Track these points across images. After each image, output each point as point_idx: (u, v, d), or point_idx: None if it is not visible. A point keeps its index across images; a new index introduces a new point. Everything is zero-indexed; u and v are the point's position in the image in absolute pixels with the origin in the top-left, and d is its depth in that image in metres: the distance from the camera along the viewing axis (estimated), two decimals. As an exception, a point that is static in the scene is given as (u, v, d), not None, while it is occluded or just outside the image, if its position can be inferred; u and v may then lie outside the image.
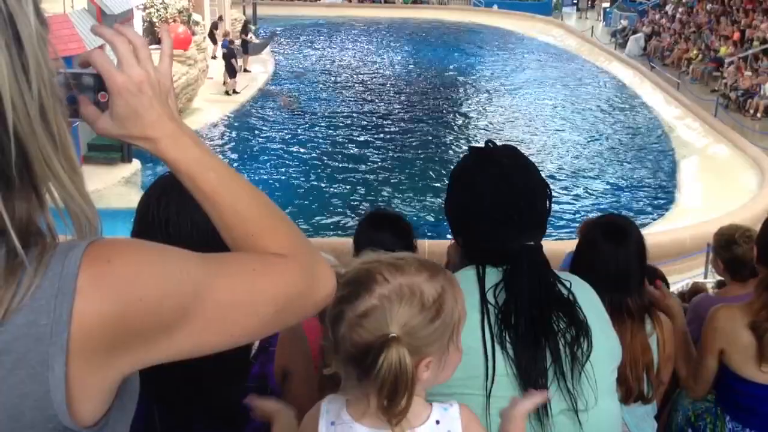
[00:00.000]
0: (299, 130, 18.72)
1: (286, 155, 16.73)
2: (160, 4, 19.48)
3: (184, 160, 1.07)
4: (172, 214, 1.11)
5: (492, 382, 1.67)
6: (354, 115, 20.36)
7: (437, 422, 1.46)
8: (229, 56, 20.52)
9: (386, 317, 1.36)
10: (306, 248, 1.13)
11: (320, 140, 17.92)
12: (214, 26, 22.19)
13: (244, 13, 29.16)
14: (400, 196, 14.41)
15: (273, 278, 1.05)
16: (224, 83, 20.73)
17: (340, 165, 16.10)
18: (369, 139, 18.24)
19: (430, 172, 15.68)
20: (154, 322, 0.92)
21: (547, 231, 1.93)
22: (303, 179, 15.16)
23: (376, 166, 16.16)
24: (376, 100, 22.15)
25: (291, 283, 1.07)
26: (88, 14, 14.59)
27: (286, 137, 18.12)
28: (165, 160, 1.08)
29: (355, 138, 18.24)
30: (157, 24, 19.15)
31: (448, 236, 1.76)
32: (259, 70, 24.06)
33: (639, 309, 2.62)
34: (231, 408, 1.78)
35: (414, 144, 17.90)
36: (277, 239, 1.10)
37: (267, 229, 1.11)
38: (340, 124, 19.31)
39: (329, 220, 13.13)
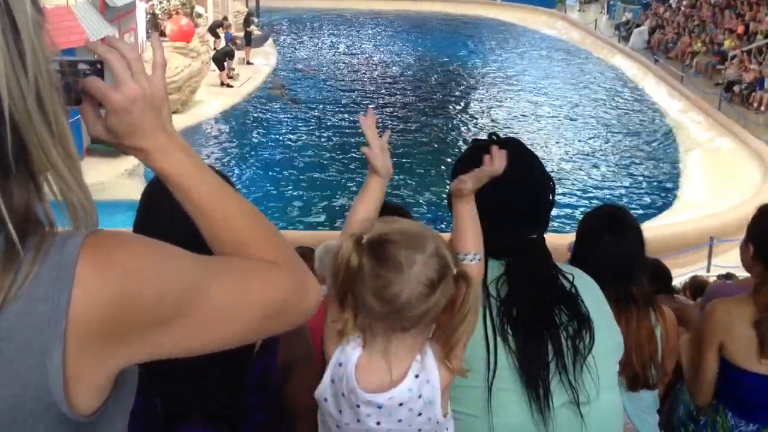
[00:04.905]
0: (301, 122, 18.70)
1: (287, 147, 16.72)
2: (163, -4, 19.44)
3: (175, 172, 1.09)
4: (178, 204, 1.11)
5: (493, 375, 1.67)
6: (357, 107, 20.32)
7: (416, 376, 1.47)
8: (223, 54, 20.44)
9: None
10: (295, 258, 1.15)
11: (322, 132, 17.89)
12: (218, 25, 22.10)
13: (247, 5, 29.11)
14: (403, 187, 14.40)
15: (266, 282, 1.07)
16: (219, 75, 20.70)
17: (342, 157, 16.08)
18: (372, 131, 18.19)
19: (433, 165, 15.67)
20: (151, 316, 0.92)
21: (550, 224, 1.93)
22: (304, 171, 15.15)
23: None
24: (379, 93, 22.12)
25: (282, 289, 1.08)
26: (91, 6, 14.55)
27: (288, 129, 18.10)
28: (156, 171, 1.09)
29: (357, 130, 18.14)
30: (159, 16, 19.11)
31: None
32: (261, 63, 24.03)
33: (644, 296, 2.63)
34: (232, 403, 1.78)
35: (416, 136, 17.87)
36: (267, 248, 1.11)
37: (257, 239, 1.12)
38: (343, 117, 19.28)
39: (331, 212, 13.13)
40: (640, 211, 13.15)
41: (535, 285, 1.76)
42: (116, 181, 13.03)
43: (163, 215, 1.68)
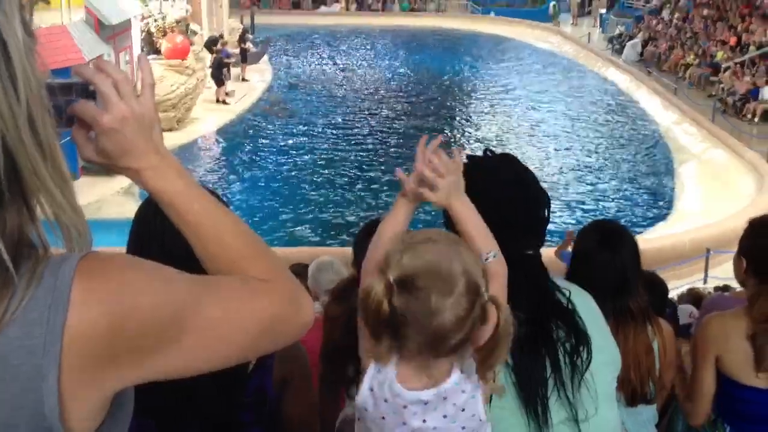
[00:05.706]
0: (296, 140, 18.70)
1: (282, 164, 16.71)
2: (158, 14, 19.49)
3: (168, 191, 1.09)
4: (169, 226, 1.12)
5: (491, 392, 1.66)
6: (351, 124, 20.36)
7: (460, 371, 1.49)
8: (217, 66, 20.53)
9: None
10: (288, 276, 1.15)
11: (317, 149, 17.89)
12: (213, 42, 22.15)
13: (242, 22, 29.19)
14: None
15: (259, 300, 1.07)
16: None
17: (338, 174, 16.08)
18: (367, 148, 18.23)
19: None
20: (146, 338, 0.92)
21: (546, 239, 1.93)
22: (300, 188, 15.13)
23: (373, 174, 16.14)
24: (374, 109, 22.14)
25: (276, 305, 1.09)
26: (86, 25, 14.59)
27: (284, 146, 18.09)
28: (148, 190, 1.09)
29: (352, 147, 18.23)
30: (155, 34, 19.15)
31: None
32: (257, 79, 24.08)
33: (640, 310, 2.64)
34: (226, 421, 1.77)
35: (412, 153, 17.80)
36: (260, 266, 1.12)
37: (250, 257, 1.12)
38: (338, 133, 19.31)
39: (327, 229, 13.11)
40: (635, 223, 13.16)
41: (531, 301, 1.75)
42: (112, 199, 13.03)
43: (156, 234, 1.69)
